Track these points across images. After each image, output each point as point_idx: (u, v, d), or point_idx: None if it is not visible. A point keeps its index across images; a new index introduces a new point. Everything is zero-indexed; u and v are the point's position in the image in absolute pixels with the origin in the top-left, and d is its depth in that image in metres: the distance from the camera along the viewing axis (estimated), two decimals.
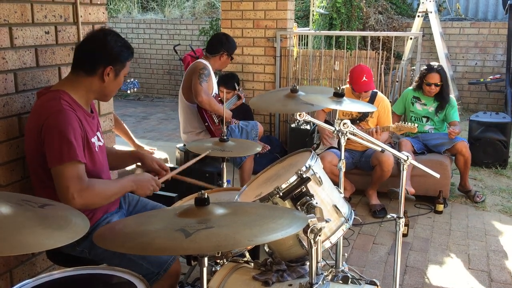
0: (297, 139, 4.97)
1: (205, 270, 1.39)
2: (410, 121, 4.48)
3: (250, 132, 4.11)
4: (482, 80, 8.04)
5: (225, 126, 2.86)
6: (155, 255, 2.02)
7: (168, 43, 9.84)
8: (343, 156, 2.61)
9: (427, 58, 8.20)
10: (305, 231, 1.52)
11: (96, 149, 2.06)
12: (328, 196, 1.93)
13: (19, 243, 1.16)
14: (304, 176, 1.78)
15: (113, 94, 2.16)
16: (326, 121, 4.40)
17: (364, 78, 3.92)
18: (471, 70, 8.51)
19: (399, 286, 2.41)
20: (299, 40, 6.10)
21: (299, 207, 1.75)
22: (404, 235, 3.62)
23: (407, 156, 2.21)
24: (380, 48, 5.70)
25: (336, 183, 2.40)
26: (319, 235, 1.54)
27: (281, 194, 1.76)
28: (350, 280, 2.10)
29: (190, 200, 2.26)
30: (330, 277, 2.17)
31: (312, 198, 1.75)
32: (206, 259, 1.39)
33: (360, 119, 4.13)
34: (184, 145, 4.14)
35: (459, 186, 4.49)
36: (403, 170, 2.23)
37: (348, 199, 4.20)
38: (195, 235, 1.24)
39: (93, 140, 2.04)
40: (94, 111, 2.19)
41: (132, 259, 1.99)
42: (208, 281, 1.81)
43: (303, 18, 8.97)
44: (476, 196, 4.34)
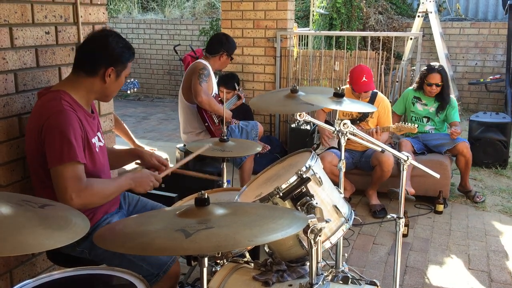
0: (297, 139, 4.97)
1: (205, 270, 1.40)
2: (410, 121, 4.48)
3: (250, 132, 4.11)
4: (482, 80, 8.03)
5: (225, 126, 2.86)
6: (155, 257, 2.02)
7: (168, 43, 9.84)
8: (343, 156, 2.61)
9: (427, 58, 8.20)
10: (305, 231, 1.52)
11: (97, 149, 2.07)
12: (328, 196, 1.93)
13: (20, 244, 1.16)
14: (304, 176, 1.78)
15: (114, 94, 2.16)
16: (326, 121, 4.40)
17: (364, 79, 3.92)
18: (471, 70, 8.51)
19: (399, 286, 2.41)
20: (299, 40, 6.10)
21: (299, 208, 1.75)
22: (404, 235, 3.62)
23: (407, 156, 2.21)
24: (380, 48, 5.69)
25: (336, 183, 2.40)
26: (319, 236, 1.54)
27: (281, 194, 1.76)
28: (350, 280, 2.09)
29: (190, 201, 2.27)
30: (330, 277, 2.17)
31: (312, 198, 1.75)
32: (206, 259, 1.39)
33: (360, 119, 4.13)
34: (184, 145, 4.14)
35: (459, 186, 4.49)
36: (403, 170, 2.23)
37: (348, 199, 4.20)
38: (195, 236, 1.24)
39: (93, 140, 2.04)
40: (95, 111, 2.19)
41: (132, 260, 1.99)
42: (208, 281, 1.81)
43: (303, 18, 8.97)
44: (476, 196, 4.34)
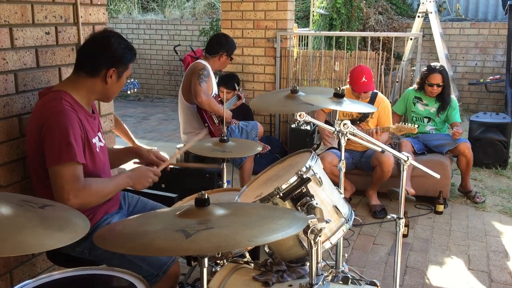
0: (297, 139, 4.97)
1: (205, 270, 1.40)
2: (411, 121, 4.48)
3: (250, 132, 4.10)
4: (482, 80, 8.03)
5: (225, 127, 2.86)
6: (154, 257, 2.02)
7: (168, 44, 9.84)
8: (343, 157, 2.61)
9: (427, 59, 8.20)
10: (305, 231, 1.52)
11: (97, 149, 2.07)
12: (328, 197, 1.93)
13: (20, 244, 1.16)
14: (304, 176, 1.78)
15: (115, 95, 2.17)
16: (326, 121, 4.40)
17: (364, 79, 3.92)
18: (471, 70, 8.51)
19: (399, 286, 2.41)
20: (299, 41, 6.10)
21: (299, 208, 1.75)
22: (404, 236, 3.62)
23: (407, 157, 2.21)
24: (380, 48, 5.69)
25: (336, 184, 2.40)
26: (319, 236, 1.54)
27: (281, 195, 1.76)
28: (350, 280, 2.09)
29: (190, 201, 2.26)
30: (330, 277, 2.17)
31: (312, 199, 1.75)
32: (206, 259, 1.39)
33: (360, 119, 4.13)
34: (184, 145, 4.14)
35: (460, 187, 4.49)
36: (403, 170, 2.23)
37: (348, 200, 4.20)
38: (195, 236, 1.24)
39: (94, 140, 2.05)
40: (95, 111, 2.19)
41: (132, 261, 1.99)
42: (208, 281, 1.81)
43: (303, 19, 8.97)
44: (476, 197, 4.34)
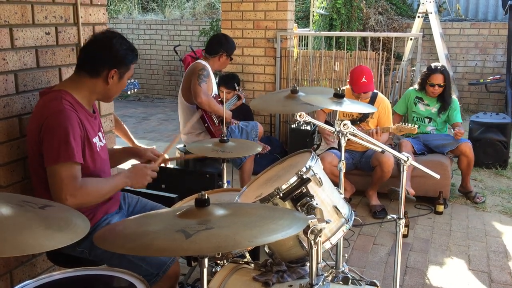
0: (297, 139, 4.97)
1: (205, 271, 1.40)
2: (412, 121, 4.48)
3: (250, 132, 4.10)
4: (482, 80, 8.03)
5: (225, 127, 2.86)
6: (154, 257, 2.02)
7: (169, 44, 9.84)
8: (343, 157, 2.61)
9: (427, 59, 8.20)
10: (305, 232, 1.52)
11: (98, 149, 2.07)
12: (328, 197, 1.93)
13: (20, 244, 1.16)
14: (304, 177, 1.78)
15: (116, 95, 2.17)
16: (326, 121, 4.40)
17: (364, 79, 3.92)
18: (471, 70, 8.51)
19: (399, 286, 2.41)
20: (299, 41, 6.10)
21: (299, 208, 1.75)
22: (404, 236, 3.62)
23: (407, 157, 2.21)
24: (380, 48, 5.69)
25: (336, 184, 2.40)
26: (320, 236, 1.54)
27: (281, 195, 1.76)
28: (351, 281, 2.09)
29: (190, 201, 2.27)
30: (330, 278, 2.17)
31: (312, 199, 1.75)
32: (207, 260, 1.39)
33: (360, 120, 4.13)
34: (184, 146, 4.14)
35: (460, 187, 4.49)
36: (403, 171, 2.23)
37: (348, 200, 4.20)
38: (195, 236, 1.24)
39: (94, 140, 2.05)
40: (96, 111, 2.19)
41: (132, 260, 1.99)
42: (208, 282, 1.81)
43: (303, 19, 8.97)
44: (476, 197, 4.33)
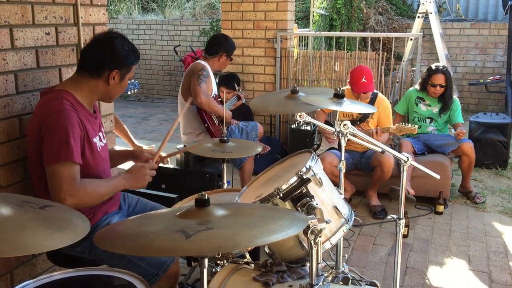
0: (297, 140, 4.97)
1: (205, 271, 1.40)
2: (413, 122, 4.48)
3: (250, 132, 4.10)
4: (482, 81, 8.03)
5: (225, 127, 2.86)
6: (154, 256, 2.02)
7: (169, 44, 9.84)
8: (343, 157, 2.61)
9: (427, 59, 8.20)
10: (305, 232, 1.52)
11: (98, 149, 2.07)
12: (329, 197, 1.93)
13: (20, 244, 1.16)
14: (305, 177, 1.78)
15: (116, 96, 2.17)
16: (326, 122, 4.39)
17: (364, 80, 3.91)
18: (471, 71, 8.51)
19: (399, 287, 2.41)
20: (299, 41, 6.10)
21: (299, 208, 1.75)
22: (405, 236, 3.62)
23: (407, 157, 2.21)
24: (380, 49, 5.69)
25: (336, 184, 2.40)
26: (320, 236, 1.54)
27: (281, 195, 1.76)
28: (351, 281, 2.09)
29: (191, 201, 2.27)
30: (330, 278, 2.17)
31: (313, 199, 1.75)
32: (207, 260, 1.39)
33: (360, 120, 4.13)
34: (184, 146, 4.14)
35: (460, 187, 4.49)
36: (403, 171, 2.23)
37: (348, 200, 4.20)
38: (195, 236, 1.24)
39: (94, 140, 2.05)
40: (97, 111, 2.19)
41: (131, 260, 1.99)
42: (209, 282, 1.81)
43: (303, 19, 8.97)
44: (476, 197, 4.33)
